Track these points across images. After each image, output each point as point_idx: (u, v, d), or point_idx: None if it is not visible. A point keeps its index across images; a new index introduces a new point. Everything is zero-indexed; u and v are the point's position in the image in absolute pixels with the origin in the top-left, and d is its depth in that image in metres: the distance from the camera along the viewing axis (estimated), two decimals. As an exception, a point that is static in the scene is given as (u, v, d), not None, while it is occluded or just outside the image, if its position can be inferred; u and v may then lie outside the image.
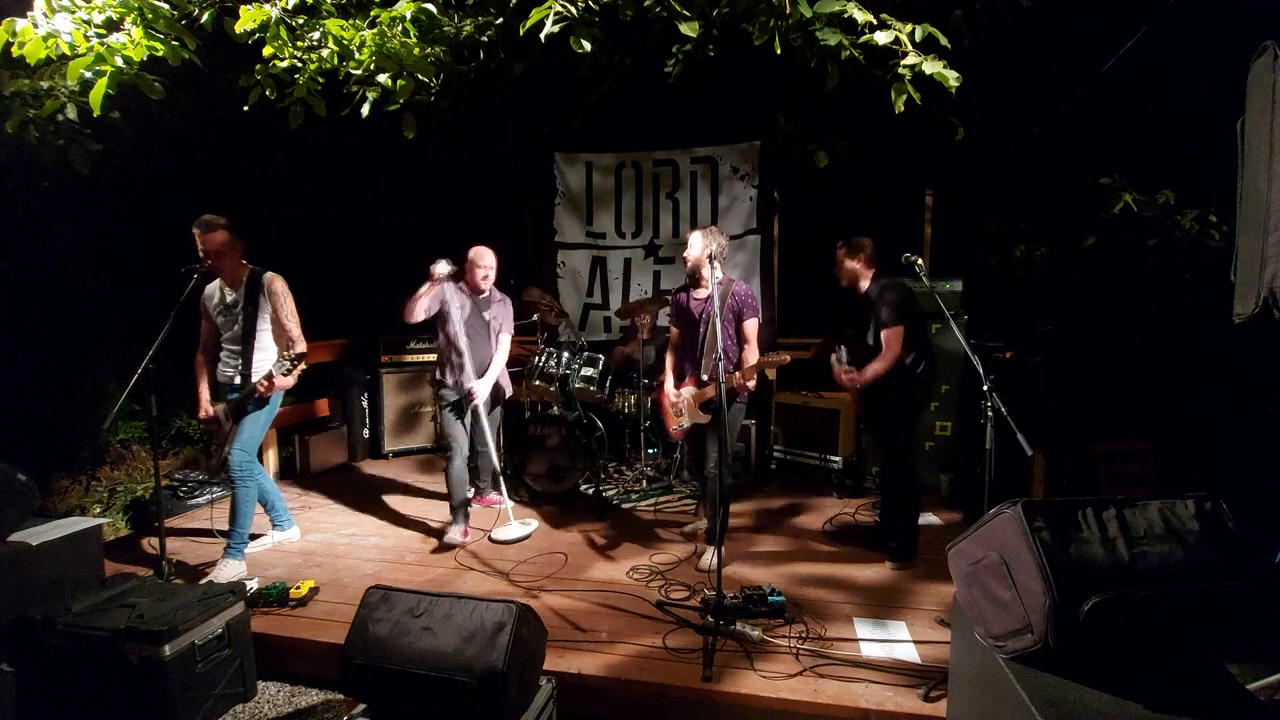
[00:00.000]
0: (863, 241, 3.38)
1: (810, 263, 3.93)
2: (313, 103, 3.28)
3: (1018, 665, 1.60)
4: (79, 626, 2.33)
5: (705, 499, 3.69)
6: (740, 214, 5.37)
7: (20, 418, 4.70)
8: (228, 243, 3.21)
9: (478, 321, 3.75)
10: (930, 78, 2.88)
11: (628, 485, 4.60)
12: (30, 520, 2.74)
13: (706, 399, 3.32)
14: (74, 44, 2.93)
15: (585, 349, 4.71)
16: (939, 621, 2.79)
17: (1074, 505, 1.61)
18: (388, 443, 5.61)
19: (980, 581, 1.75)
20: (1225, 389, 4.02)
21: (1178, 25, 3.97)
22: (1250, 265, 2.26)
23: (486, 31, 3.77)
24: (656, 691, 2.41)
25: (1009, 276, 5.35)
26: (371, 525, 4.09)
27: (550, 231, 5.72)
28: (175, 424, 5.66)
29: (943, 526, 3.95)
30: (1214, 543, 1.56)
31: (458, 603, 2.08)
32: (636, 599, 3.05)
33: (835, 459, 4.78)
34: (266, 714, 2.56)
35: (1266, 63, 2.18)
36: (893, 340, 3.19)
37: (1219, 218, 4.23)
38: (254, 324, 3.28)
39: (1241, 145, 2.35)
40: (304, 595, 3.01)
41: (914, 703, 2.26)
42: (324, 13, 3.23)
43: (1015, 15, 4.19)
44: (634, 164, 5.57)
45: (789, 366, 4.69)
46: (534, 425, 4.46)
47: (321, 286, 4.67)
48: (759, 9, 2.97)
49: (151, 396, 3.05)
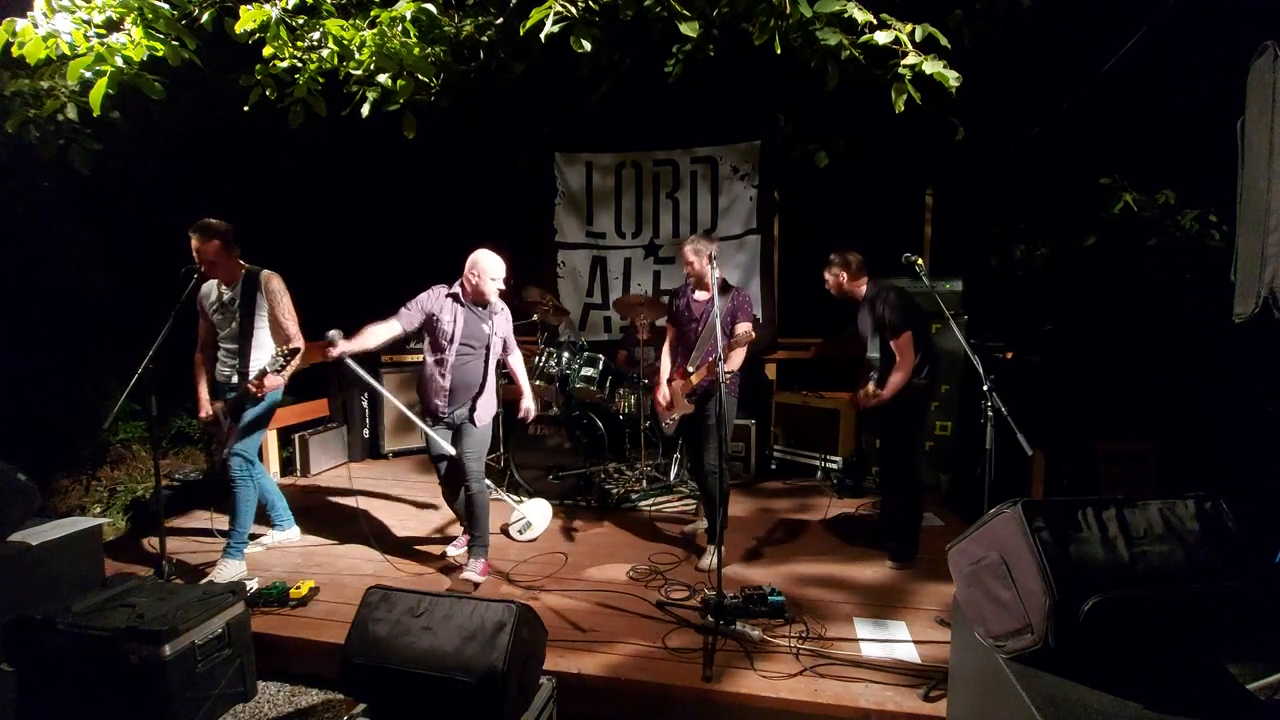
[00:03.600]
0: (849, 256, 3.37)
1: (810, 263, 3.93)
2: (313, 103, 3.28)
3: (1018, 665, 1.60)
4: (79, 626, 2.33)
5: (702, 499, 3.70)
6: (740, 214, 5.37)
7: (20, 418, 4.70)
8: (220, 252, 3.16)
9: (473, 337, 3.19)
10: (930, 78, 2.88)
11: (628, 485, 4.59)
12: (30, 520, 2.74)
13: (691, 389, 3.36)
14: (74, 44, 2.94)
15: (585, 349, 4.71)
16: (939, 621, 2.79)
17: (1074, 505, 1.61)
18: (387, 443, 5.61)
19: (980, 581, 1.75)
20: (1225, 389, 4.02)
21: (1178, 25, 3.97)
22: (1250, 265, 2.26)
23: (486, 31, 3.77)
24: (656, 691, 2.41)
25: (1009, 276, 5.35)
26: (371, 525, 4.09)
27: (550, 231, 5.72)
28: (175, 424, 5.66)
29: (943, 526, 3.95)
30: (1214, 543, 1.56)
31: (458, 603, 2.08)
32: (636, 599, 3.04)
33: (835, 459, 4.78)
34: (266, 714, 2.56)
35: (1266, 62, 2.18)
36: (905, 347, 3.20)
37: (1219, 218, 4.23)
38: (251, 322, 3.27)
39: (1241, 145, 2.35)
40: (304, 595, 3.01)
41: (914, 703, 2.26)
42: (324, 13, 3.23)
43: (1015, 15, 4.19)
44: (634, 164, 5.57)
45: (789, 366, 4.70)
46: (534, 425, 4.45)
47: (321, 286, 4.66)
48: (759, 9, 2.97)
49: (151, 396, 3.05)
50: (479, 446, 3.20)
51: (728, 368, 3.22)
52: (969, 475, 4.07)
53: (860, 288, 3.39)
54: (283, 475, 5.07)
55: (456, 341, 3.13)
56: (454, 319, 3.14)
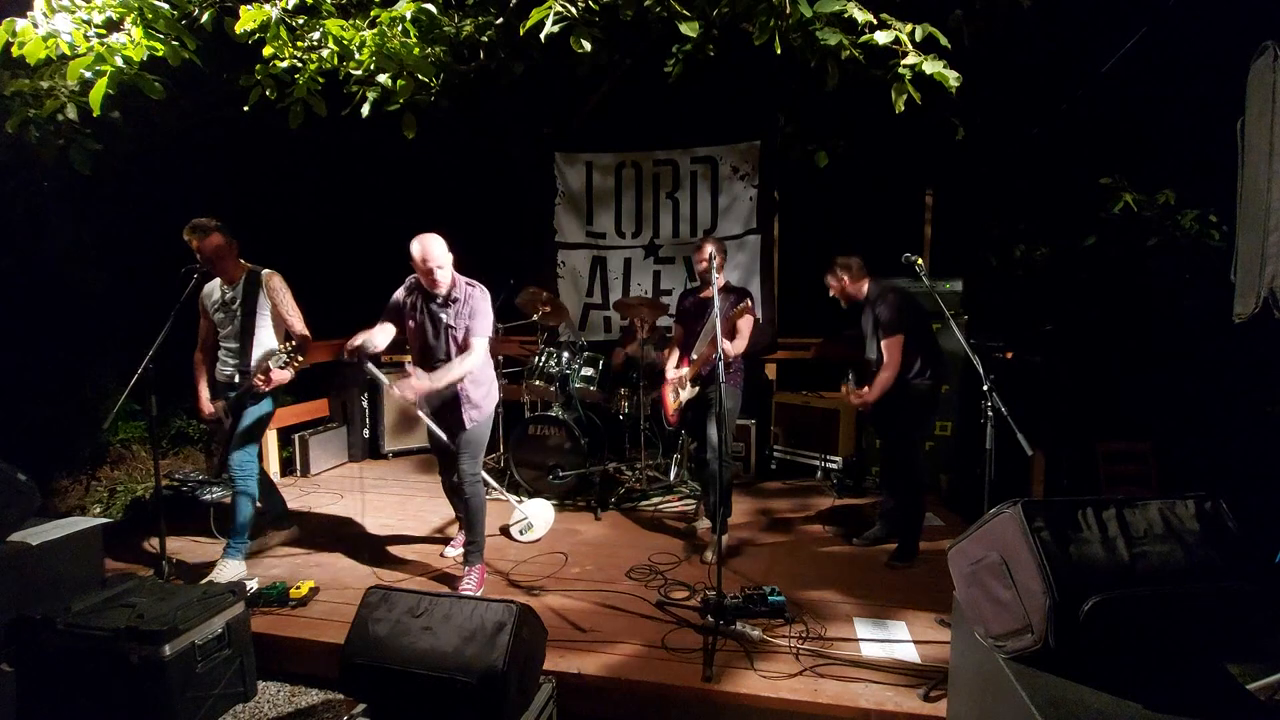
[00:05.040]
0: (848, 261, 3.42)
1: (810, 263, 3.93)
2: (313, 103, 3.28)
3: (1018, 665, 1.60)
4: (79, 626, 2.33)
5: (704, 488, 3.74)
6: (740, 214, 5.37)
7: (20, 418, 4.70)
8: (223, 245, 3.20)
9: (431, 328, 3.01)
10: (930, 77, 2.88)
11: (627, 485, 4.60)
12: (30, 520, 2.74)
13: (696, 371, 3.53)
14: (74, 44, 2.93)
15: (585, 349, 4.71)
16: (939, 621, 2.79)
17: (1074, 505, 1.61)
18: (387, 442, 5.61)
19: (980, 581, 1.75)
20: (1225, 389, 4.02)
21: (1178, 25, 3.97)
22: (1250, 265, 2.26)
23: (486, 31, 3.77)
24: (656, 691, 2.41)
25: (1009, 276, 5.35)
26: (371, 525, 4.09)
27: (550, 231, 5.72)
28: (175, 424, 5.65)
29: (943, 526, 3.95)
30: (1214, 543, 1.55)
31: (458, 603, 2.08)
32: (636, 599, 3.04)
33: (835, 459, 4.78)
34: (266, 714, 2.56)
35: (1266, 63, 2.18)
36: (893, 349, 3.22)
37: (1219, 218, 4.23)
38: (252, 322, 3.28)
39: (1241, 145, 2.35)
40: (304, 595, 3.01)
41: (914, 703, 2.26)
42: (324, 13, 3.23)
43: (1015, 15, 4.18)
44: (634, 164, 5.57)
45: (789, 366, 4.71)
46: (534, 425, 4.46)
47: (321, 286, 4.66)
48: (759, 9, 2.97)
49: (151, 396, 3.05)
50: (471, 446, 3.09)
51: (733, 349, 3.36)
52: (969, 475, 4.07)
53: (862, 289, 3.41)
54: (283, 475, 5.07)
55: (422, 339, 3.02)
56: (416, 313, 3.02)
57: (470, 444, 3.08)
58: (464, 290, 3.01)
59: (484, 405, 3.12)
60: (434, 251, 2.89)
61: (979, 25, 4.29)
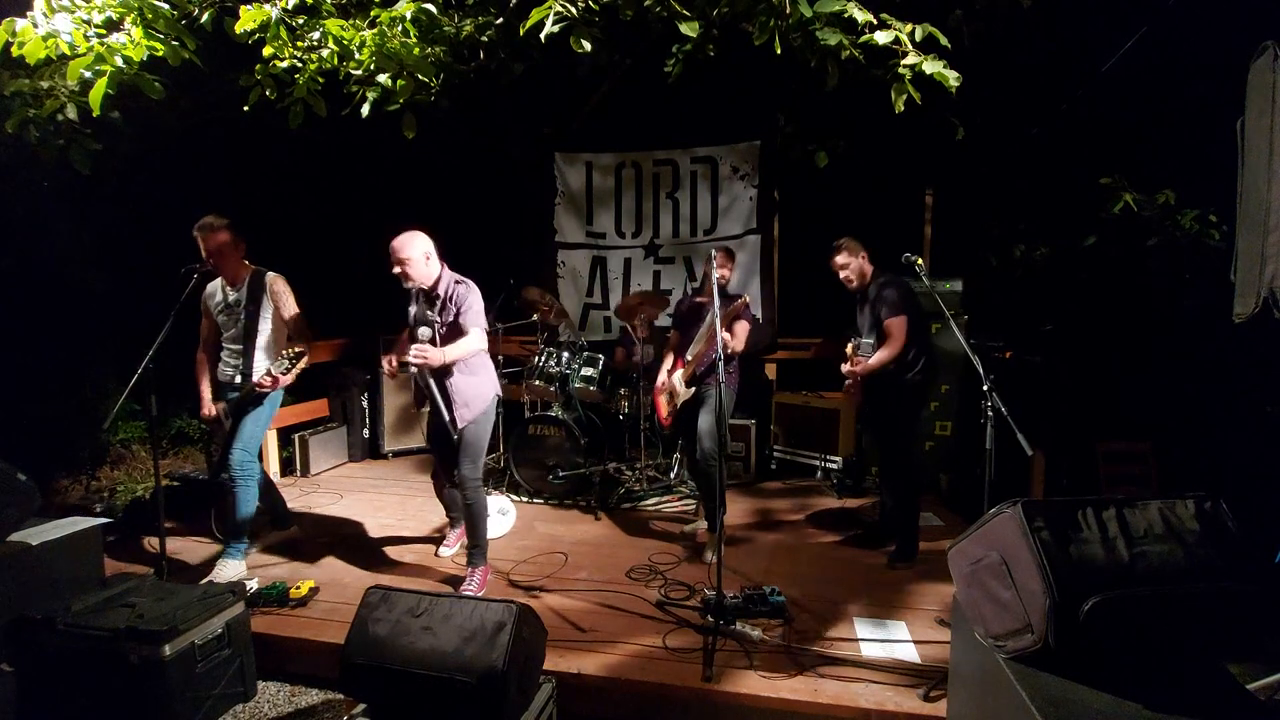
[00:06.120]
0: (854, 240, 3.41)
1: (810, 263, 3.93)
2: (313, 103, 3.27)
3: (1018, 665, 1.60)
4: (79, 626, 2.33)
5: (700, 491, 3.72)
6: (740, 214, 5.37)
7: (20, 418, 4.70)
8: (229, 243, 3.22)
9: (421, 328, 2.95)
10: (930, 77, 2.87)
11: (627, 485, 4.59)
12: (30, 520, 2.74)
13: (692, 373, 3.52)
14: (74, 44, 2.93)
15: (585, 349, 4.71)
16: (939, 621, 2.79)
17: (1074, 505, 1.61)
18: (387, 442, 5.61)
19: (980, 581, 1.75)
20: (1225, 389, 4.01)
21: (1178, 25, 3.97)
22: (1250, 265, 2.26)
23: (486, 31, 3.77)
24: (656, 691, 2.41)
25: (1009, 276, 5.34)
26: (371, 525, 4.09)
27: (550, 231, 5.72)
28: (175, 424, 5.65)
29: (943, 526, 3.95)
30: (1214, 543, 1.55)
31: (458, 603, 2.08)
32: (636, 599, 3.05)
33: (835, 459, 4.78)
34: (266, 714, 2.56)
35: (1266, 63, 2.18)
36: (897, 330, 3.20)
37: (1219, 218, 4.22)
38: (255, 323, 3.28)
39: (1241, 145, 2.35)
40: (304, 595, 3.01)
41: (914, 703, 2.26)
42: (324, 13, 3.22)
43: (1015, 15, 4.18)
44: (634, 164, 5.57)
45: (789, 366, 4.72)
46: (534, 425, 4.46)
47: (321, 286, 4.66)
48: (759, 9, 2.97)
49: (151, 396, 3.05)
50: (471, 449, 3.04)
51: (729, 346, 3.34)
52: (969, 475, 4.07)
53: (869, 269, 3.40)
54: (283, 475, 5.07)
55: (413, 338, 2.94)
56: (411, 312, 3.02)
57: (469, 446, 3.05)
58: (450, 288, 3.00)
59: (474, 404, 3.04)
60: (400, 246, 2.90)
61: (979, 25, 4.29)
